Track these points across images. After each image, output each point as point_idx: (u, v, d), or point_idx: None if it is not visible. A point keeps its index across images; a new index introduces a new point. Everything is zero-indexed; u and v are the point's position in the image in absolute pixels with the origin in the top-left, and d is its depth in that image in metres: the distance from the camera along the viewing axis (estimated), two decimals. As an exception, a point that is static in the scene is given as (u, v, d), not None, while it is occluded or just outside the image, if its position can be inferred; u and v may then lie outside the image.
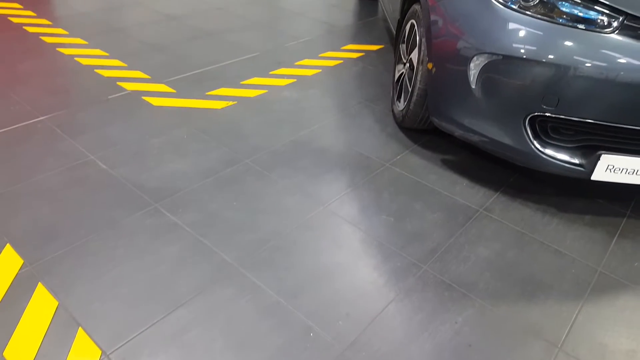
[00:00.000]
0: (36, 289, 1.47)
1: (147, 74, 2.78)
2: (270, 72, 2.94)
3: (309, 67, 3.05)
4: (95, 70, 2.77)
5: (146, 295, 1.48)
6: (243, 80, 2.81)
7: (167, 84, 2.70)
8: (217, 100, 2.58)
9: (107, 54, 2.98)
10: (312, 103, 2.65)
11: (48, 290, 1.47)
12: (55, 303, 1.43)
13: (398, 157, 2.26)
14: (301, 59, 3.14)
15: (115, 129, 2.26)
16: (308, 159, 2.18)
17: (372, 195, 1.99)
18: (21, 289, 1.46)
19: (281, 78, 2.88)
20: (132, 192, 1.88)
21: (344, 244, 1.74)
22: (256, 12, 3.92)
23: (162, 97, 2.57)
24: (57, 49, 3.00)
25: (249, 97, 2.64)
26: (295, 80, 2.87)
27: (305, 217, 1.84)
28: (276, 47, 3.30)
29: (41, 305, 1.42)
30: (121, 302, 1.45)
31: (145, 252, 1.63)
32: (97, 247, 1.63)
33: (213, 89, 2.69)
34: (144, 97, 2.55)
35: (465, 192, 2.06)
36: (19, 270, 1.52)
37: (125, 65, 2.86)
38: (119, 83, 2.66)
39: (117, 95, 2.55)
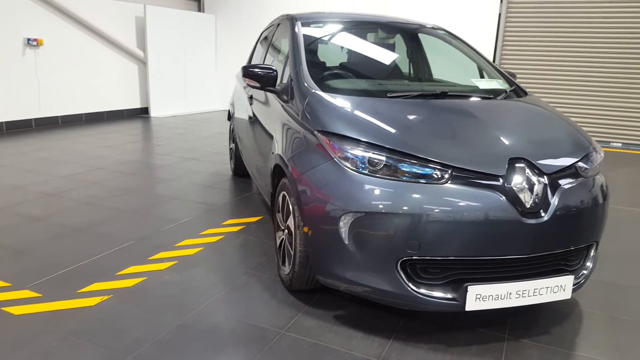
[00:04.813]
0: None
1: (7, 282, 2.51)
2: (149, 258, 2.86)
3: (190, 246, 3.05)
4: (-61, 287, 2.44)
5: None
6: (118, 271, 2.68)
7: (30, 288, 2.46)
8: (89, 298, 2.39)
9: (-45, 266, 2.67)
10: (196, 282, 2.59)
11: None
12: None
13: (292, 321, 2.24)
14: (181, 240, 3.14)
15: (-38, 352, 1.93)
16: (197, 342, 2.05)
17: (271, 368, 1.90)
18: None
19: (161, 262, 2.81)
20: None
21: None
22: (130, 201, 3.92)
23: (25, 304, 2.31)
24: None
25: (126, 288, 2.50)
26: (176, 262, 2.82)
27: (202, 411, 1.66)
28: (153, 232, 3.27)
29: None
30: None
31: None
32: None
33: (84, 286, 2.50)
34: (3, 308, 2.26)
35: (362, 345, 2.07)
36: None
37: (-21, 275, 2.57)
38: (-31, 297, 2.35)
39: (-34, 311, 2.23)
